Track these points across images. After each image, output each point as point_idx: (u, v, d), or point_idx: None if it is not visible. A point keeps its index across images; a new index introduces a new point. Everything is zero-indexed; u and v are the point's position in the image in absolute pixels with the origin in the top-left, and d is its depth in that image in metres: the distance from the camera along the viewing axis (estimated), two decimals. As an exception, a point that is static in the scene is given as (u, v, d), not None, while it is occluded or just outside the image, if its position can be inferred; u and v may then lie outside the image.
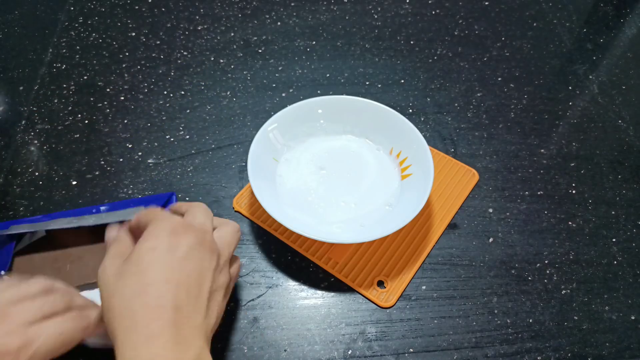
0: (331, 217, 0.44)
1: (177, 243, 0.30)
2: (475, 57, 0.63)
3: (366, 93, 0.59)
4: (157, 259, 0.29)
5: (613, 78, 0.61)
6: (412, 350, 0.39)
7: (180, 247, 0.30)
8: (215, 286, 0.31)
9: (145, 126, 0.55)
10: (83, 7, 0.69)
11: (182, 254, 0.29)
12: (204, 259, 0.30)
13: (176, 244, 0.30)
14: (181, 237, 0.30)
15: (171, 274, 0.28)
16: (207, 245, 0.31)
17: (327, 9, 0.69)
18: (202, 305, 0.29)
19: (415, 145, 0.46)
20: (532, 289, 0.43)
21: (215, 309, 0.31)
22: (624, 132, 0.55)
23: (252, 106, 0.57)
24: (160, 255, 0.29)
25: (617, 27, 0.68)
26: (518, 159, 0.52)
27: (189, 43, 0.64)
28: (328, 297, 0.42)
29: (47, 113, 0.55)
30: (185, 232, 0.30)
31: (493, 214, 0.48)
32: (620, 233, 0.47)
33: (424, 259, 0.44)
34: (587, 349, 0.39)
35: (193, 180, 0.50)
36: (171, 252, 0.29)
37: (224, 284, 0.32)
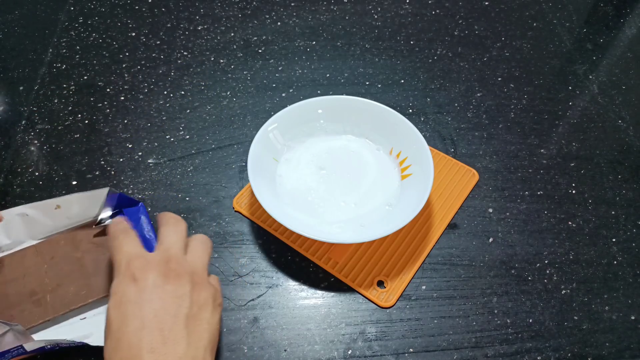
0: (331, 217, 0.44)
1: (139, 290, 0.30)
2: (475, 57, 0.63)
3: (366, 93, 0.59)
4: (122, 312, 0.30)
5: (613, 78, 0.61)
6: (412, 350, 0.39)
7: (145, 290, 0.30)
8: (195, 307, 0.31)
9: (145, 126, 0.55)
10: (83, 7, 0.69)
11: (146, 296, 0.30)
12: (171, 290, 0.30)
13: (137, 291, 0.30)
14: (140, 282, 0.30)
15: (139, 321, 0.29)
16: (171, 275, 0.31)
17: (327, 9, 0.69)
18: (180, 334, 0.29)
19: (415, 145, 0.46)
20: (532, 289, 0.43)
21: (203, 327, 0.31)
22: (624, 132, 0.55)
23: (252, 106, 0.57)
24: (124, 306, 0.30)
25: (617, 27, 0.68)
26: (518, 159, 0.52)
27: (189, 43, 0.64)
28: (328, 297, 0.42)
29: (47, 113, 0.55)
30: (143, 274, 0.31)
31: (493, 214, 0.48)
32: (620, 233, 0.47)
33: (424, 259, 0.44)
34: (587, 349, 0.39)
35: (193, 180, 0.50)
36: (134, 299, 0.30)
37: (207, 298, 0.32)
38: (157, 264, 0.31)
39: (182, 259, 0.33)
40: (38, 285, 0.40)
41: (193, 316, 0.30)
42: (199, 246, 0.35)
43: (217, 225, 0.46)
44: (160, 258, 0.32)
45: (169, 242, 0.34)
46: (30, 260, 0.42)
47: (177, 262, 0.32)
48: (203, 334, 0.30)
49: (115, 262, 0.33)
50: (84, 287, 0.40)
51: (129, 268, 0.31)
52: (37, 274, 0.41)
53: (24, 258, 0.42)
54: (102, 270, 0.41)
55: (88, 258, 0.42)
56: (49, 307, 0.39)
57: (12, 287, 0.40)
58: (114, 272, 0.33)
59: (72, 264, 0.41)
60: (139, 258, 0.32)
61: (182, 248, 0.34)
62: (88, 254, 0.42)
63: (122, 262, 0.32)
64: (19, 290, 0.40)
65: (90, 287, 0.40)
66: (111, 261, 0.35)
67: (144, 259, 0.32)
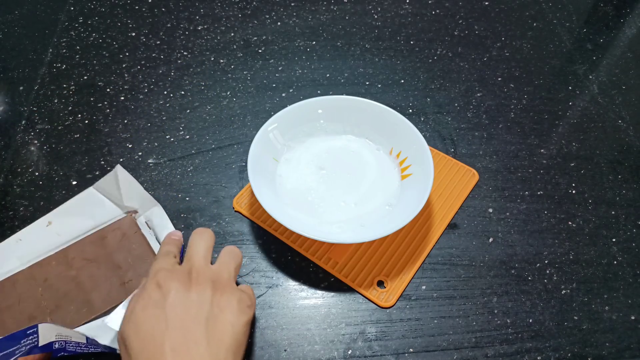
0: (331, 217, 0.44)
1: (163, 295, 0.32)
2: (475, 57, 0.63)
3: (366, 93, 0.59)
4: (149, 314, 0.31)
5: (613, 78, 0.61)
6: (412, 350, 0.39)
7: (168, 295, 0.32)
8: (216, 309, 0.32)
9: (145, 126, 0.55)
10: (83, 7, 0.69)
11: (169, 300, 0.32)
12: (193, 296, 0.32)
13: (162, 296, 0.32)
14: (164, 289, 0.32)
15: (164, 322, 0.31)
16: (193, 283, 0.33)
17: (327, 9, 0.69)
18: (201, 335, 0.31)
19: (415, 145, 0.46)
20: (532, 289, 0.43)
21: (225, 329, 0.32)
22: (624, 132, 0.55)
23: (252, 106, 0.57)
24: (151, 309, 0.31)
25: (617, 27, 0.68)
26: (518, 159, 0.52)
27: (189, 43, 0.64)
28: (328, 297, 0.42)
29: (47, 113, 0.55)
30: (167, 282, 0.32)
31: (493, 214, 0.48)
32: (620, 233, 0.47)
33: (424, 259, 0.44)
34: (587, 349, 0.39)
35: (193, 180, 0.50)
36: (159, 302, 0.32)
37: (231, 301, 0.33)
38: (180, 274, 0.33)
39: (204, 268, 0.34)
40: (35, 309, 0.39)
41: (214, 317, 0.32)
42: (225, 256, 0.36)
43: (217, 225, 0.46)
44: (183, 269, 0.34)
45: (192, 252, 0.35)
46: (23, 286, 0.41)
47: (198, 272, 0.34)
48: (224, 335, 0.31)
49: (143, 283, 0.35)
50: (85, 305, 0.40)
51: (155, 277, 0.33)
52: (33, 298, 0.40)
53: (16, 284, 0.41)
54: (100, 286, 0.41)
55: (83, 275, 0.41)
56: None
57: (8, 314, 0.39)
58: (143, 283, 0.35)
59: (67, 283, 0.41)
60: (165, 270, 0.34)
61: (206, 257, 0.35)
62: (82, 270, 0.41)
63: (150, 273, 0.34)
64: (16, 317, 0.39)
65: (91, 304, 0.40)
66: None
67: (168, 271, 0.33)
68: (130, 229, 0.44)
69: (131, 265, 0.42)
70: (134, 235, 0.43)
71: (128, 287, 0.41)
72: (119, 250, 0.43)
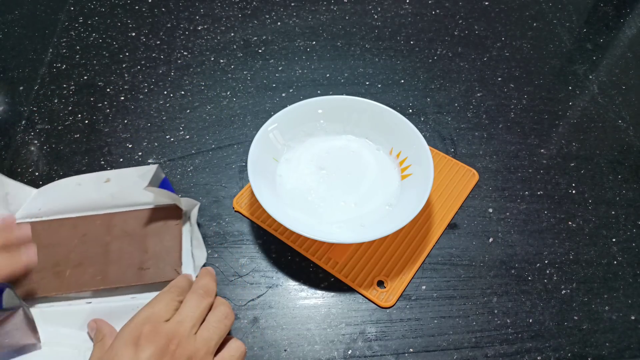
0: (331, 217, 0.44)
1: (134, 356, 0.30)
2: (475, 57, 0.63)
3: (366, 93, 0.59)
4: None
5: (613, 78, 0.61)
6: (412, 350, 0.39)
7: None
8: None
9: (145, 126, 0.55)
10: (83, 7, 0.69)
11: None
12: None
13: (132, 357, 0.30)
14: (140, 349, 0.31)
15: None
16: (168, 356, 0.31)
17: (327, 9, 0.69)
18: None
19: (415, 145, 0.46)
20: (532, 289, 0.43)
21: None
22: (624, 132, 0.55)
23: (252, 106, 0.57)
24: None
25: (617, 27, 0.68)
26: (518, 159, 0.52)
27: (189, 43, 0.64)
28: (328, 297, 0.42)
29: (47, 113, 0.55)
30: (146, 343, 0.31)
31: (493, 214, 0.48)
32: (620, 233, 0.47)
33: (424, 259, 0.44)
34: (587, 349, 0.39)
35: (193, 180, 0.50)
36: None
37: None
38: (162, 337, 0.32)
39: (186, 339, 0.32)
40: (63, 258, 0.41)
41: None
42: (213, 324, 0.34)
43: (217, 225, 0.46)
44: (167, 331, 0.32)
45: (184, 314, 0.34)
46: (65, 232, 0.43)
47: (178, 343, 0.32)
48: None
49: (141, 310, 0.34)
50: (100, 273, 0.41)
51: (139, 328, 0.32)
52: (67, 247, 0.42)
53: (61, 228, 0.43)
54: (122, 262, 0.42)
55: (114, 245, 0.42)
56: (64, 283, 0.40)
57: (41, 253, 0.41)
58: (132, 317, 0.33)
59: (99, 247, 0.42)
60: (153, 323, 0.32)
61: (195, 325, 0.34)
62: (116, 240, 0.43)
63: (141, 315, 0.33)
64: (46, 259, 0.41)
65: (105, 275, 0.41)
66: None
67: (155, 327, 0.32)
68: (173, 219, 0.44)
69: (156, 253, 0.42)
70: (174, 226, 0.44)
71: (143, 274, 0.41)
72: (154, 235, 0.43)
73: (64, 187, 0.45)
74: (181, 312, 0.34)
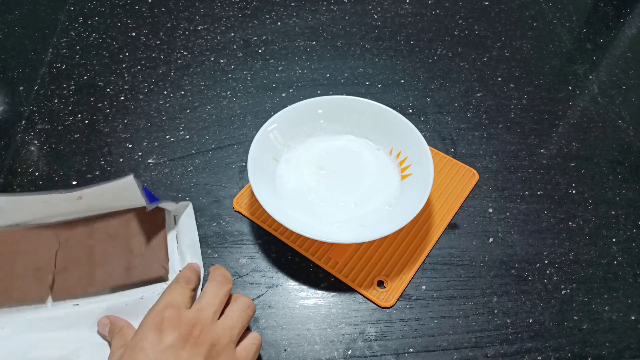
0: (331, 217, 0.44)
1: (158, 341, 0.31)
2: (475, 57, 0.63)
3: (366, 93, 0.59)
4: (133, 358, 0.30)
5: (613, 78, 0.61)
6: (412, 350, 0.39)
7: (159, 346, 0.31)
8: None
9: (145, 126, 0.55)
10: (83, 7, 0.69)
11: (157, 352, 0.30)
12: (183, 356, 0.31)
13: (156, 341, 0.31)
14: (163, 334, 0.31)
15: None
16: (191, 341, 0.31)
17: (327, 9, 0.69)
18: None
19: (415, 145, 0.46)
20: (532, 289, 0.43)
21: None
22: (624, 132, 0.55)
23: (252, 106, 0.57)
24: (136, 354, 0.31)
25: (617, 27, 0.68)
26: (518, 159, 0.52)
27: (189, 43, 0.64)
28: (328, 297, 0.42)
29: (47, 113, 0.55)
30: (169, 328, 0.31)
31: (493, 214, 0.48)
32: (620, 233, 0.47)
33: (424, 259, 0.44)
34: (587, 349, 0.39)
35: (193, 180, 0.50)
36: (147, 350, 0.30)
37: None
38: (185, 323, 0.32)
39: (209, 326, 0.33)
40: (45, 263, 0.41)
41: None
42: (236, 313, 0.34)
43: (217, 225, 0.46)
44: (190, 318, 0.32)
45: (205, 301, 0.34)
46: (46, 238, 0.42)
47: (201, 329, 0.32)
48: None
49: (158, 300, 0.34)
50: (87, 276, 0.41)
51: (161, 313, 0.32)
52: (48, 252, 0.42)
53: (41, 234, 0.43)
54: (108, 263, 0.41)
55: (98, 247, 0.42)
56: (47, 288, 0.40)
57: (21, 259, 0.41)
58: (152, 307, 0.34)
59: (82, 250, 0.42)
60: (175, 308, 0.33)
61: (216, 312, 0.34)
62: (100, 243, 0.42)
63: (161, 303, 0.33)
64: (26, 264, 0.41)
65: (92, 278, 0.41)
66: None
67: (177, 312, 0.32)
68: (156, 218, 0.44)
69: (142, 252, 0.42)
70: (158, 225, 0.44)
71: (131, 273, 0.41)
72: (138, 235, 0.43)
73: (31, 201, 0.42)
74: (201, 299, 0.34)
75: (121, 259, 0.42)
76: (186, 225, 0.45)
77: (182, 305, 0.33)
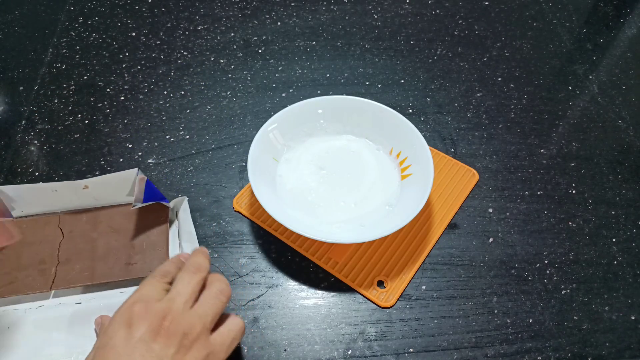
0: (331, 217, 0.44)
1: (127, 336, 0.30)
2: (475, 57, 0.63)
3: (366, 93, 0.59)
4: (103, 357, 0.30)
5: (613, 78, 0.61)
6: (412, 350, 0.39)
7: (129, 341, 0.30)
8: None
9: (145, 126, 0.55)
10: (83, 7, 0.69)
11: (128, 348, 0.30)
12: (155, 349, 0.30)
13: (126, 337, 0.30)
14: (133, 328, 0.31)
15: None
16: (162, 333, 0.31)
17: (327, 9, 0.69)
18: None
19: (415, 145, 0.46)
20: (532, 289, 0.43)
21: None
22: (624, 132, 0.55)
23: (252, 106, 0.57)
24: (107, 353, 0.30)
25: (617, 27, 0.68)
26: (518, 159, 0.52)
27: (189, 43, 0.64)
28: (328, 297, 0.42)
29: (47, 113, 0.55)
30: (139, 322, 0.31)
31: (493, 214, 0.48)
32: (620, 233, 0.47)
33: (424, 259, 0.44)
34: (587, 349, 0.39)
35: (193, 180, 0.50)
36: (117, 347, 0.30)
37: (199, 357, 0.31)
38: (154, 315, 0.31)
39: (181, 316, 0.32)
40: (49, 255, 0.42)
41: None
42: (208, 300, 0.33)
43: (217, 225, 0.46)
44: (160, 309, 0.32)
45: (176, 291, 0.33)
46: (51, 229, 0.43)
47: (172, 319, 0.31)
48: None
49: (130, 296, 0.33)
50: (88, 269, 0.41)
51: (130, 309, 0.32)
52: (53, 244, 0.42)
53: (47, 225, 0.43)
54: (109, 258, 0.42)
55: (101, 241, 0.43)
56: (50, 280, 0.40)
57: (26, 250, 0.42)
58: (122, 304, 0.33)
59: (85, 242, 0.43)
60: (144, 302, 0.32)
61: (187, 301, 0.33)
62: (102, 236, 0.43)
63: (131, 299, 0.33)
64: (31, 256, 0.42)
65: (93, 271, 0.41)
66: None
67: (146, 305, 0.32)
68: (159, 215, 0.44)
69: (143, 249, 0.42)
70: (161, 221, 0.44)
71: (131, 269, 0.41)
72: (141, 230, 0.43)
73: (40, 190, 0.43)
74: (172, 289, 0.33)
75: (122, 254, 0.42)
76: (184, 220, 0.45)
77: (153, 298, 0.33)
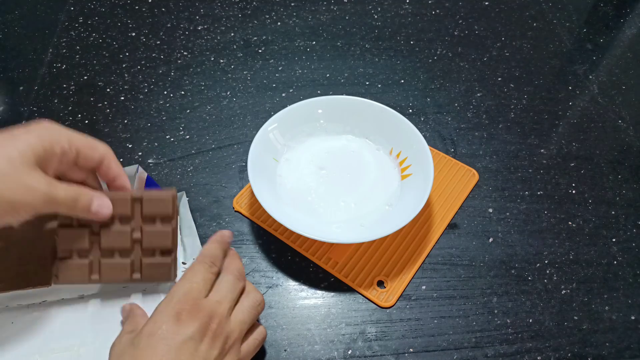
0: (331, 217, 0.44)
1: (177, 331, 0.30)
2: (475, 57, 0.63)
3: (366, 93, 0.59)
4: (151, 345, 0.30)
5: (613, 78, 0.61)
6: (412, 350, 0.39)
7: (179, 336, 0.30)
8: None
9: (145, 126, 0.55)
10: (83, 7, 0.69)
11: (178, 343, 0.30)
12: (201, 349, 0.30)
13: (175, 331, 0.30)
14: (182, 325, 0.30)
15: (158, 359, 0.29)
16: (209, 334, 0.31)
17: (327, 9, 0.69)
18: None
19: (415, 145, 0.46)
20: (532, 289, 0.43)
21: None
22: (624, 132, 0.55)
23: (252, 106, 0.57)
24: (155, 342, 0.30)
25: (617, 27, 0.68)
26: (518, 159, 0.52)
27: (189, 43, 0.64)
28: (328, 297, 0.42)
29: (47, 113, 0.55)
30: (189, 319, 0.31)
31: (493, 214, 0.48)
32: (620, 233, 0.47)
33: (424, 259, 0.44)
34: (587, 349, 0.39)
35: (193, 180, 0.50)
36: (167, 340, 0.30)
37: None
38: (204, 314, 0.31)
39: (225, 321, 0.32)
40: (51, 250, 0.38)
41: None
42: (247, 309, 0.34)
43: (217, 225, 0.46)
44: (209, 310, 0.32)
45: (224, 295, 0.33)
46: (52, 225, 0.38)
47: (218, 322, 0.32)
48: None
49: (179, 283, 0.33)
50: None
51: (180, 303, 0.31)
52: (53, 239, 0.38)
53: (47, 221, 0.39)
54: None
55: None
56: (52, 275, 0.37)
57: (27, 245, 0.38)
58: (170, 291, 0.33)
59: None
60: (194, 298, 0.32)
61: (231, 308, 0.33)
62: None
63: (181, 290, 0.32)
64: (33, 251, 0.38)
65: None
66: None
67: (197, 304, 0.32)
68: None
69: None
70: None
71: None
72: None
73: None
74: (220, 291, 0.34)
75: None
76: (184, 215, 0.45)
77: (202, 293, 0.33)
